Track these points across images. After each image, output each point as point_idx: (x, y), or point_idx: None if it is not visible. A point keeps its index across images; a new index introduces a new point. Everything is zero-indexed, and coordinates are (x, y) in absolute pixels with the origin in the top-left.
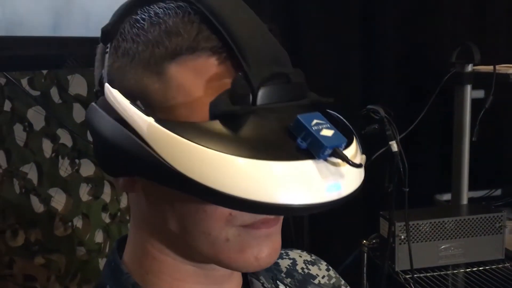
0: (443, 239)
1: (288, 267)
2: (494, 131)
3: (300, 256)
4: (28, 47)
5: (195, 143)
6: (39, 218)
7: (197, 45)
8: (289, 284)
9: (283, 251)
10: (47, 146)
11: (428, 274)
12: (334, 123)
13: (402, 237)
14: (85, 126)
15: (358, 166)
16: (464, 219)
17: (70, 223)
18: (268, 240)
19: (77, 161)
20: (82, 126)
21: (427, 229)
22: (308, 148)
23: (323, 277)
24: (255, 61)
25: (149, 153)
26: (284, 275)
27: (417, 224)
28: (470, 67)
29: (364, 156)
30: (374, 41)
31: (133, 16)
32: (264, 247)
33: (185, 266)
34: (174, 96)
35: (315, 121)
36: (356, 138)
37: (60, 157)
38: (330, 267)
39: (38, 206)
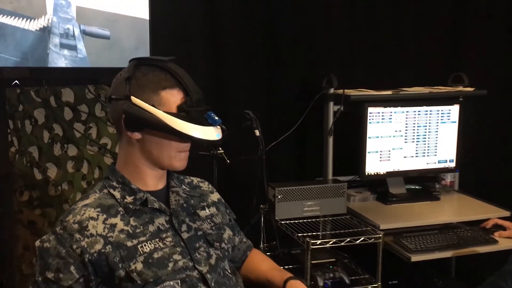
0: (307, 199)
1: (188, 181)
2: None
3: (196, 178)
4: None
5: (177, 118)
6: (38, 183)
7: (172, 86)
8: (187, 187)
9: (187, 176)
10: (46, 135)
11: (296, 221)
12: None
13: (279, 197)
14: (72, 122)
15: (226, 130)
16: (321, 187)
17: (59, 187)
18: (186, 157)
19: (65, 145)
20: (70, 122)
21: (297, 192)
22: (211, 123)
23: (205, 188)
24: (192, 93)
25: (161, 121)
26: (185, 183)
27: (291, 189)
28: (332, 90)
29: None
30: (275, 72)
31: (141, 69)
32: (184, 160)
33: (150, 170)
34: (163, 104)
35: (213, 114)
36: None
37: (54, 142)
38: (210, 184)
39: (38, 175)
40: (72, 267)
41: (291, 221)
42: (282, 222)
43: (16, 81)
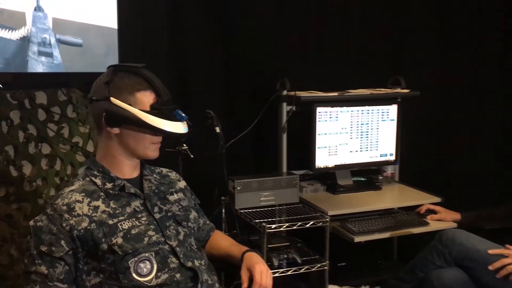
0: (263, 190)
1: (158, 171)
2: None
3: (165, 169)
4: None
5: (150, 115)
6: (14, 179)
7: (145, 88)
8: (157, 176)
9: (157, 167)
10: (21, 135)
11: (253, 210)
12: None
13: (239, 188)
14: (45, 123)
15: (192, 126)
16: (276, 179)
17: (34, 183)
18: (157, 148)
19: (39, 144)
20: (43, 123)
21: (255, 184)
22: (179, 118)
23: (173, 176)
24: (163, 94)
25: (137, 117)
26: (156, 172)
27: (249, 181)
28: (285, 92)
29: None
30: (234, 76)
31: (118, 74)
32: (156, 150)
33: (127, 160)
34: (138, 103)
35: (180, 111)
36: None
37: (29, 142)
38: (178, 173)
39: (14, 172)
40: (63, 241)
41: (250, 210)
42: (242, 211)
43: (0, 85)
